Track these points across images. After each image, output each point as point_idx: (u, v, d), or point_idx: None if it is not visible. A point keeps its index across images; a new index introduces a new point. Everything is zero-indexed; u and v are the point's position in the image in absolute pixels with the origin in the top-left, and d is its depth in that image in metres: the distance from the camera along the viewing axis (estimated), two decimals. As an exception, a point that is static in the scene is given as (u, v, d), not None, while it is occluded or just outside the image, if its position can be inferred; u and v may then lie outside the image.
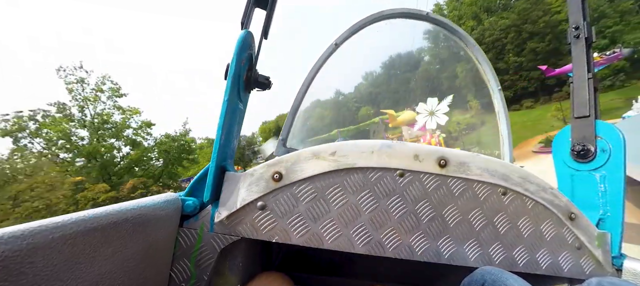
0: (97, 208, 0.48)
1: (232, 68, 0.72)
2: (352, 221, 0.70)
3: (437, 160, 0.72)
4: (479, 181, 0.74)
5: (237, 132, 0.80)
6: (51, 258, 0.38)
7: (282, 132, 1.46)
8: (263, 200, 0.68)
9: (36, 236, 0.36)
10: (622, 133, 0.90)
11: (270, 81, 0.85)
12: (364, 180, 0.71)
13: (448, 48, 1.78)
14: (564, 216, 0.78)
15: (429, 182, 0.72)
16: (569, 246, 0.79)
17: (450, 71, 2.39)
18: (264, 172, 0.69)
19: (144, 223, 0.55)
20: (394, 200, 0.71)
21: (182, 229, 0.68)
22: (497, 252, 0.74)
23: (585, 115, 0.95)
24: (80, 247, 0.42)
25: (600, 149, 0.93)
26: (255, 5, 0.83)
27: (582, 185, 0.97)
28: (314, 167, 0.69)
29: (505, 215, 0.75)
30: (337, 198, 0.70)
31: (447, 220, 0.72)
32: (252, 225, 0.68)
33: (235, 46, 0.73)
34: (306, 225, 0.69)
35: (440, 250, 0.72)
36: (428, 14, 1.45)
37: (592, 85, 0.94)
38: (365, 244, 0.70)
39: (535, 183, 0.76)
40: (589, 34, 0.95)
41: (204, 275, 0.67)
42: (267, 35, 0.86)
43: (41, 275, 0.37)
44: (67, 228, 0.40)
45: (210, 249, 0.68)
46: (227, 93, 0.72)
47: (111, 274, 0.48)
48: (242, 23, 0.80)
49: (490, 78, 1.44)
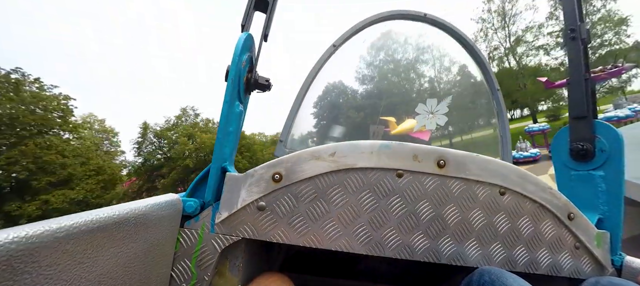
0: (99, 208, 0.49)
1: (232, 70, 0.73)
2: (352, 221, 0.70)
3: (436, 161, 0.72)
4: (478, 181, 0.74)
5: (238, 133, 0.81)
6: (55, 258, 0.38)
7: (282, 133, 1.47)
8: (263, 201, 0.69)
9: (41, 236, 0.37)
10: (621, 133, 0.91)
11: (270, 83, 0.86)
12: (364, 180, 0.71)
13: (447, 49, 1.79)
14: (563, 216, 0.79)
15: (428, 182, 0.72)
16: (568, 246, 0.79)
17: (449, 72, 2.40)
18: (264, 172, 0.70)
19: (145, 223, 0.56)
20: (394, 200, 0.71)
21: (183, 230, 0.68)
22: (497, 252, 0.74)
23: (582, 116, 0.95)
24: (83, 247, 0.43)
25: (599, 149, 0.94)
26: (255, 8, 0.84)
27: (581, 185, 0.98)
28: (314, 168, 0.70)
29: (504, 215, 0.75)
30: (337, 198, 0.70)
31: (447, 220, 0.73)
32: (252, 225, 0.68)
33: (236, 48, 0.74)
34: (306, 225, 0.69)
35: (440, 250, 0.72)
36: (426, 16, 1.46)
37: (589, 85, 0.95)
38: (365, 244, 0.70)
39: (534, 183, 0.77)
40: (584, 35, 0.96)
41: (204, 275, 0.67)
42: (267, 37, 0.87)
43: (45, 275, 0.37)
44: (71, 228, 0.41)
45: (211, 249, 0.68)
46: (228, 94, 0.73)
47: (113, 274, 0.49)
48: (242, 25, 0.81)
49: (489, 80, 1.45)
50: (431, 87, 2.58)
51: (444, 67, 2.38)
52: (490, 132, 1.54)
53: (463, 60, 1.62)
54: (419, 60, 2.20)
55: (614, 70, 16.28)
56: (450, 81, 2.52)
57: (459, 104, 1.87)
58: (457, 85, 2.34)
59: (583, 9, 1.01)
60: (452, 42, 1.54)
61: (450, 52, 1.79)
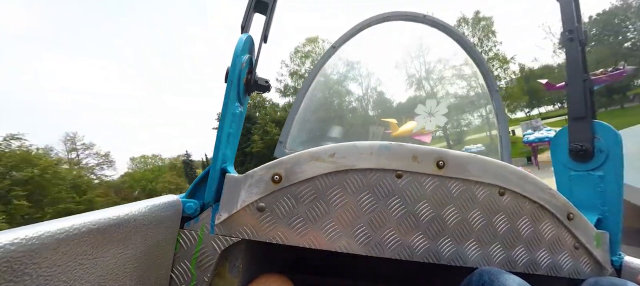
0: (99, 210, 0.49)
1: (232, 71, 0.74)
2: (351, 222, 0.70)
3: (435, 161, 0.73)
4: (478, 181, 0.74)
5: (237, 134, 0.81)
6: (55, 259, 0.38)
7: (282, 134, 1.47)
8: (263, 202, 0.69)
9: (41, 237, 0.37)
10: (619, 133, 0.91)
11: (269, 84, 0.86)
12: (363, 181, 0.71)
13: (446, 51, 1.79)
14: (563, 217, 0.79)
15: (428, 183, 0.73)
16: (568, 246, 0.79)
17: (449, 73, 2.41)
18: (263, 173, 0.70)
19: (145, 224, 0.56)
20: (393, 201, 0.71)
21: (183, 231, 0.68)
22: (496, 252, 0.74)
23: (581, 116, 0.96)
24: (83, 248, 0.43)
25: (598, 149, 0.94)
26: (255, 10, 0.84)
27: (580, 186, 0.98)
28: (314, 169, 0.70)
29: (503, 216, 0.75)
30: (337, 199, 0.70)
31: (446, 220, 0.73)
32: (252, 226, 0.68)
33: (235, 50, 0.74)
34: (306, 226, 0.69)
35: (440, 251, 0.72)
36: (425, 16, 1.46)
37: (587, 86, 0.95)
38: (364, 245, 0.70)
39: (533, 184, 0.77)
40: (582, 36, 0.96)
41: (204, 276, 0.67)
42: (266, 39, 0.87)
43: (45, 276, 0.37)
44: (71, 229, 0.41)
45: (210, 250, 0.68)
46: (228, 96, 0.73)
47: (113, 275, 0.49)
48: (242, 27, 0.82)
49: (488, 81, 1.46)
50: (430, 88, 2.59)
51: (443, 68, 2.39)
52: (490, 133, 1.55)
53: (463, 61, 1.63)
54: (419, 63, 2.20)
55: (614, 73, 16.32)
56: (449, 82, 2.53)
57: (458, 105, 1.87)
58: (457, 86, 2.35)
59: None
60: (451, 43, 1.54)
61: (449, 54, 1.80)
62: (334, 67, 1.53)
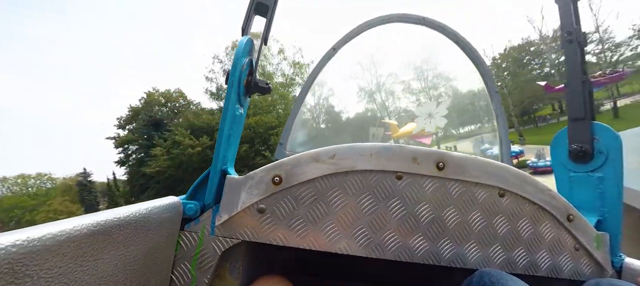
0: (100, 211, 0.49)
1: (232, 73, 0.74)
2: (351, 223, 0.70)
3: (435, 163, 0.73)
4: (477, 183, 0.74)
5: (238, 136, 0.81)
6: (56, 261, 0.39)
7: (282, 136, 1.47)
8: (263, 203, 0.69)
9: (42, 239, 0.37)
10: (619, 134, 0.91)
11: (269, 85, 0.87)
12: (363, 182, 0.71)
13: (446, 52, 1.80)
14: (563, 218, 0.79)
15: (428, 184, 0.73)
16: (568, 248, 0.79)
17: (448, 75, 2.42)
18: (264, 175, 0.70)
19: (146, 226, 0.56)
20: (394, 203, 0.72)
21: (183, 232, 0.69)
22: (496, 254, 0.74)
23: (581, 117, 0.96)
24: (84, 250, 0.43)
25: (598, 151, 0.94)
26: (255, 12, 0.85)
27: (580, 187, 0.98)
28: (314, 170, 0.70)
29: (503, 217, 0.75)
30: (337, 200, 0.70)
31: (446, 222, 0.73)
32: (252, 228, 0.68)
33: (236, 52, 0.75)
34: (306, 228, 0.69)
35: (440, 252, 0.72)
36: (425, 18, 1.47)
37: (587, 87, 0.96)
38: (365, 246, 0.70)
39: (533, 185, 0.77)
40: (581, 38, 0.97)
41: (204, 278, 0.67)
42: (266, 41, 0.88)
43: (46, 278, 0.37)
44: (72, 231, 0.41)
45: (211, 252, 0.68)
46: (228, 97, 0.74)
47: (113, 276, 0.49)
48: (242, 29, 0.82)
49: (487, 82, 1.46)
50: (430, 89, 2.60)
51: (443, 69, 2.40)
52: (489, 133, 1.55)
53: (462, 62, 1.63)
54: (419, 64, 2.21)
55: (614, 75, 16.32)
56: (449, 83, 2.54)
57: (458, 106, 1.88)
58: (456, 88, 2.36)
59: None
60: (451, 44, 1.55)
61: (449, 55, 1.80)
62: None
